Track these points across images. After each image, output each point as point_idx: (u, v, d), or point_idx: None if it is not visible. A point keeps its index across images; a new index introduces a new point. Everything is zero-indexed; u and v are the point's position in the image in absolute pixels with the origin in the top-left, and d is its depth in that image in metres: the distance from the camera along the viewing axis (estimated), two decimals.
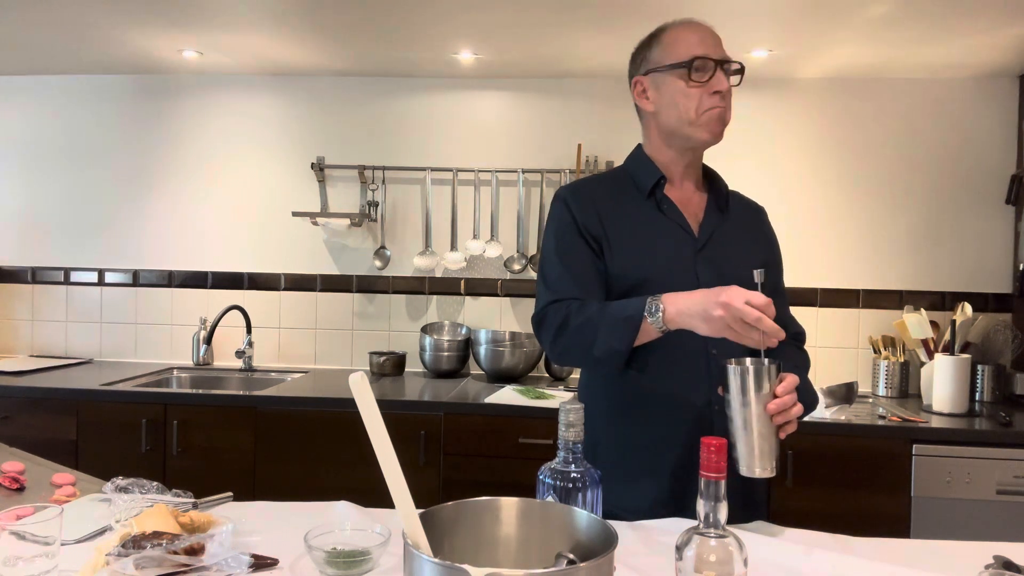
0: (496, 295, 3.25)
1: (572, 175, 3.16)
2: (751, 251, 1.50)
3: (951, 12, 2.35)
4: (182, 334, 3.35)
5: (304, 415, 2.63)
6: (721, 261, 1.45)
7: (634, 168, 1.52)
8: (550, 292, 1.44)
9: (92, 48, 2.96)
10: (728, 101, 1.42)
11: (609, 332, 1.34)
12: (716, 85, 1.40)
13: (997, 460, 2.38)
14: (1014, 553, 1.16)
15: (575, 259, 1.45)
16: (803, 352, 1.55)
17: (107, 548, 1.04)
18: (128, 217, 3.37)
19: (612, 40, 2.70)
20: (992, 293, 3.05)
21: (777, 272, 1.57)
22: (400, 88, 3.27)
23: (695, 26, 1.45)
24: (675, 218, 1.47)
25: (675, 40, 1.43)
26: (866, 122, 3.09)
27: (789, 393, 1.21)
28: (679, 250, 1.45)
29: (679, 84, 1.41)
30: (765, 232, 1.59)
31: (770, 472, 1.21)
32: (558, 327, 1.40)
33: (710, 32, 1.45)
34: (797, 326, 1.57)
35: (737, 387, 1.20)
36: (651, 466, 1.42)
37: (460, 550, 0.88)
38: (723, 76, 1.41)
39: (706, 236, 1.46)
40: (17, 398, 2.70)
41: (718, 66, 1.40)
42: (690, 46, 1.41)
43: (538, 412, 2.54)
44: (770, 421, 1.20)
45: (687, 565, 0.85)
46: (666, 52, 1.44)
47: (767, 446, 1.20)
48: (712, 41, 1.43)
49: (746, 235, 1.53)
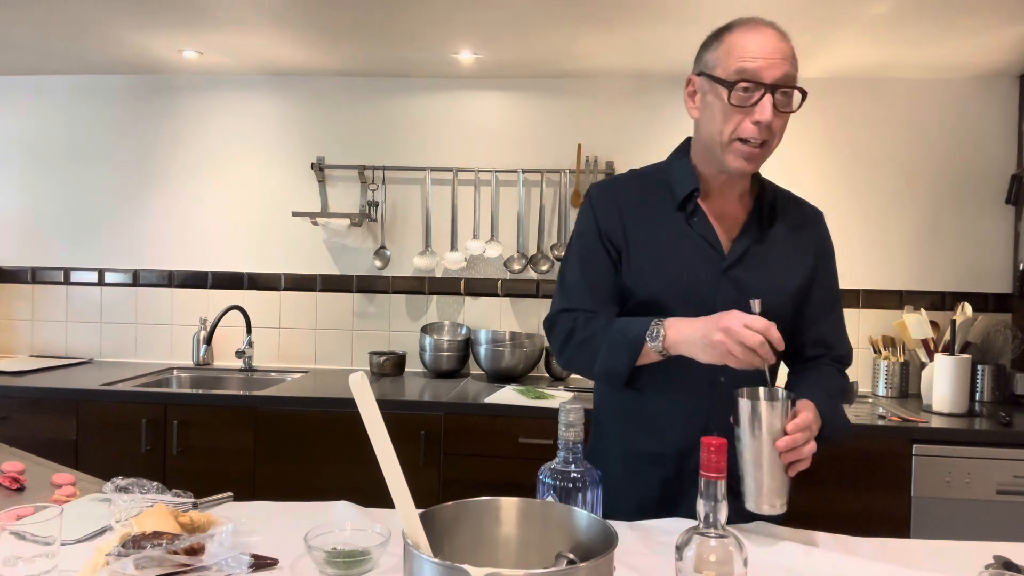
0: (496, 295, 3.25)
1: (572, 175, 3.16)
2: (791, 270, 1.40)
3: (951, 12, 2.35)
4: (182, 334, 3.35)
5: (304, 415, 2.63)
6: (750, 283, 1.35)
7: (673, 169, 1.43)
8: (564, 298, 1.43)
9: (92, 48, 2.96)
10: (773, 132, 1.28)
11: (610, 352, 1.33)
12: (758, 114, 1.25)
13: (997, 460, 2.38)
14: (1014, 553, 1.15)
15: (593, 268, 1.41)
16: (842, 377, 1.46)
17: (107, 548, 1.04)
18: (128, 217, 3.37)
19: (612, 40, 2.70)
20: (992, 293, 3.05)
21: (827, 288, 1.46)
22: (400, 88, 3.27)
23: (757, 33, 1.28)
24: (704, 233, 1.37)
25: (731, 48, 1.28)
26: (866, 122, 3.09)
27: (801, 431, 1.16)
28: (702, 269, 1.36)
29: (721, 100, 1.29)
30: (816, 244, 1.46)
31: (779, 509, 1.18)
32: (564, 338, 1.40)
33: (775, 43, 1.27)
34: (842, 348, 1.47)
35: (747, 420, 1.16)
36: (641, 473, 1.42)
37: (460, 550, 0.88)
38: (769, 104, 1.24)
39: (737, 254, 1.37)
40: (17, 398, 2.70)
41: (767, 91, 1.25)
42: (742, 59, 1.26)
43: (538, 412, 2.54)
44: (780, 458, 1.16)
45: (687, 565, 0.85)
46: (719, 59, 1.29)
47: (776, 483, 1.16)
48: (773, 56, 1.25)
49: (790, 251, 1.41)
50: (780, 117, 1.28)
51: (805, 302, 1.43)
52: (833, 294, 1.48)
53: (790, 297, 1.40)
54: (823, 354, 1.45)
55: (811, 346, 1.45)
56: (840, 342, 1.47)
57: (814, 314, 1.44)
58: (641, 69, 3.06)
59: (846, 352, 1.48)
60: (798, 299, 1.42)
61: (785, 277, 1.40)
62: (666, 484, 1.40)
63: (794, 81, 1.29)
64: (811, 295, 1.43)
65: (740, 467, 1.17)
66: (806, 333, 1.45)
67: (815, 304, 1.44)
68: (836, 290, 1.50)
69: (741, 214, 1.41)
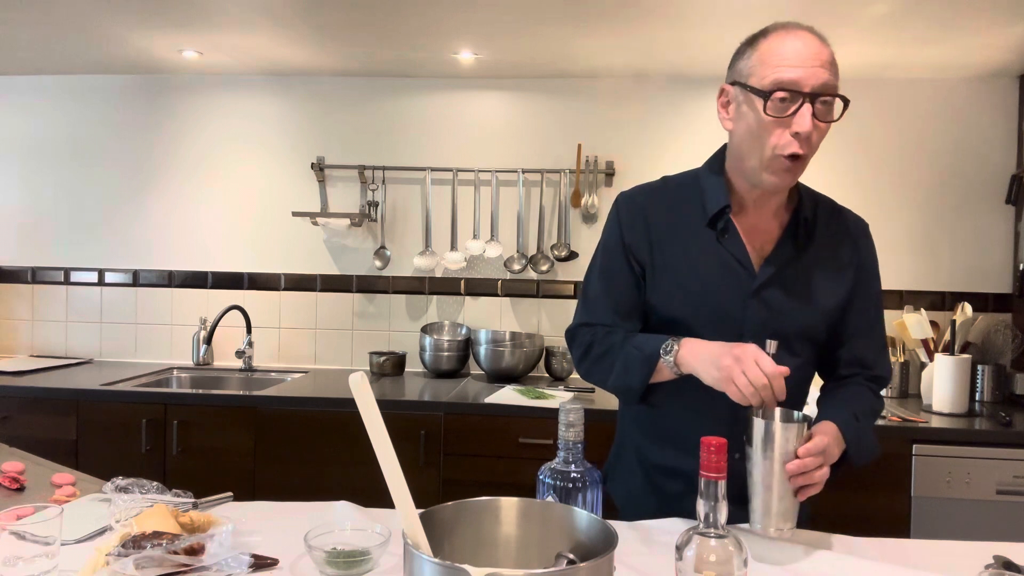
0: (496, 295, 3.25)
1: (572, 175, 3.16)
2: (829, 288, 1.33)
3: (951, 12, 2.35)
4: (182, 334, 3.35)
5: (304, 415, 2.63)
6: (781, 305, 1.29)
7: (706, 182, 1.35)
8: (586, 312, 1.41)
9: (92, 48, 2.97)
10: (812, 144, 1.22)
11: (624, 368, 1.32)
12: (797, 125, 1.18)
13: (997, 460, 2.38)
14: (1014, 553, 1.16)
15: (616, 282, 1.38)
16: (875, 397, 1.39)
17: (107, 548, 1.04)
18: (128, 217, 3.37)
19: (612, 40, 2.70)
20: (992, 293, 3.05)
21: (866, 307, 1.38)
22: (400, 88, 3.27)
23: (795, 38, 1.20)
24: (735, 252, 1.31)
25: (766, 56, 1.20)
26: (866, 122, 3.09)
27: (812, 456, 1.13)
28: (730, 290, 1.30)
29: (756, 111, 1.21)
30: (858, 258, 1.37)
31: (786, 534, 1.16)
32: (583, 352, 1.40)
33: (814, 49, 1.19)
34: (881, 368, 1.40)
35: (759, 441, 1.14)
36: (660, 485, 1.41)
37: (460, 550, 0.88)
38: (808, 114, 1.18)
39: (767, 275, 1.30)
40: (17, 398, 2.70)
41: (806, 100, 1.18)
42: (778, 68, 1.18)
43: (538, 412, 2.54)
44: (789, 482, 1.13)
45: (687, 565, 0.85)
46: (753, 68, 1.22)
47: (784, 506, 1.14)
48: (812, 63, 1.18)
49: (827, 269, 1.33)
50: (819, 129, 1.21)
51: (843, 319, 1.36)
52: (875, 312, 1.40)
53: (825, 317, 1.34)
54: (858, 373, 1.39)
55: (845, 365, 1.39)
56: (879, 362, 1.40)
57: (852, 332, 1.38)
58: (641, 69, 3.06)
59: (885, 373, 1.41)
60: (835, 317, 1.36)
61: (820, 297, 1.33)
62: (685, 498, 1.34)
63: (835, 89, 1.22)
64: (850, 312, 1.36)
65: (749, 487, 1.16)
66: (841, 350, 1.39)
67: (854, 321, 1.37)
68: (878, 308, 1.41)
69: (776, 229, 1.34)
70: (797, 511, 1.16)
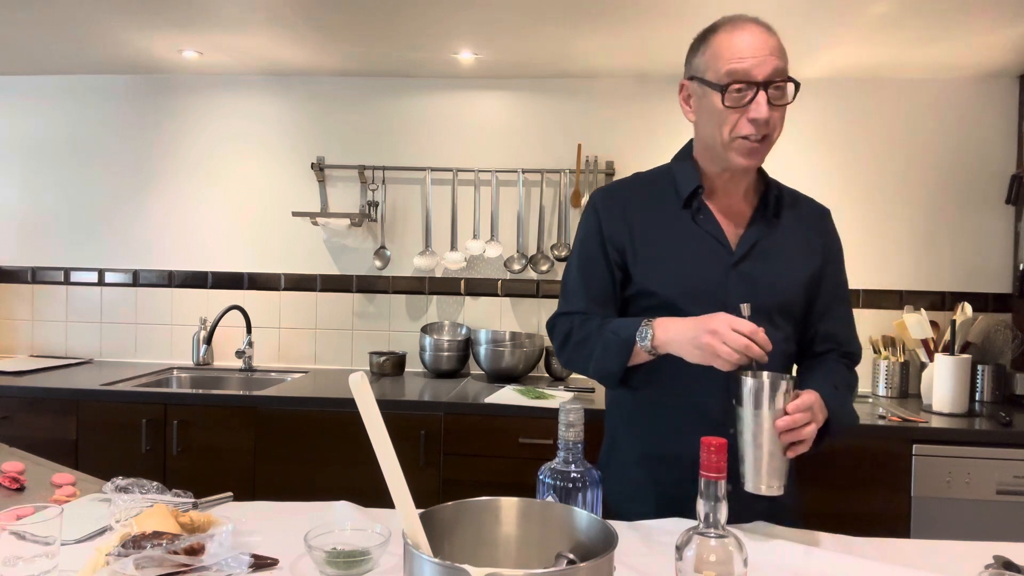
0: (496, 295, 3.25)
1: (572, 175, 3.16)
2: (800, 263, 1.41)
3: (951, 12, 2.35)
4: (182, 334, 3.35)
5: (304, 415, 2.63)
6: (759, 276, 1.36)
7: (677, 171, 1.44)
8: (564, 302, 1.46)
9: (92, 48, 2.97)
10: (772, 125, 1.29)
11: (603, 353, 1.36)
12: (754, 112, 1.26)
13: (997, 460, 2.38)
14: (1014, 553, 1.16)
15: (593, 273, 1.43)
16: (851, 373, 1.47)
17: (107, 548, 1.04)
18: (128, 217, 3.37)
19: (612, 40, 2.70)
20: (992, 293, 3.05)
21: (835, 283, 1.46)
22: (400, 88, 3.27)
23: (743, 31, 1.29)
24: (711, 230, 1.38)
25: (718, 50, 1.29)
26: (866, 122, 3.09)
27: (801, 411, 1.18)
28: (710, 265, 1.37)
29: (715, 102, 1.29)
30: (823, 238, 1.46)
31: (777, 491, 1.19)
32: (563, 340, 1.43)
33: (762, 39, 1.28)
34: (853, 345, 1.48)
35: (749, 401, 1.18)
36: (658, 475, 1.42)
37: (460, 550, 0.88)
38: (764, 101, 1.26)
39: (744, 249, 1.37)
40: (17, 398, 2.70)
41: (760, 88, 1.26)
42: (731, 61, 1.27)
43: (538, 412, 2.54)
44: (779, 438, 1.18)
45: (687, 565, 0.85)
46: (708, 63, 1.31)
47: (775, 464, 1.18)
48: (762, 52, 1.26)
49: (798, 244, 1.42)
50: (777, 111, 1.29)
51: (815, 296, 1.44)
52: (843, 290, 1.49)
53: (802, 287, 1.41)
54: (832, 349, 1.46)
55: (820, 341, 1.46)
56: (850, 338, 1.48)
57: (823, 309, 1.45)
58: (641, 69, 3.06)
59: (856, 349, 1.49)
60: (809, 291, 1.42)
61: (795, 269, 1.40)
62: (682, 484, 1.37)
63: (785, 74, 1.29)
64: (821, 290, 1.44)
65: (740, 448, 1.20)
66: (815, 327, 1.45)
67: (825, 299, 1.44)
68: (845, 287, 1.50)
69: (747, 210, 1.42)
70: (787, 470, 1.21)
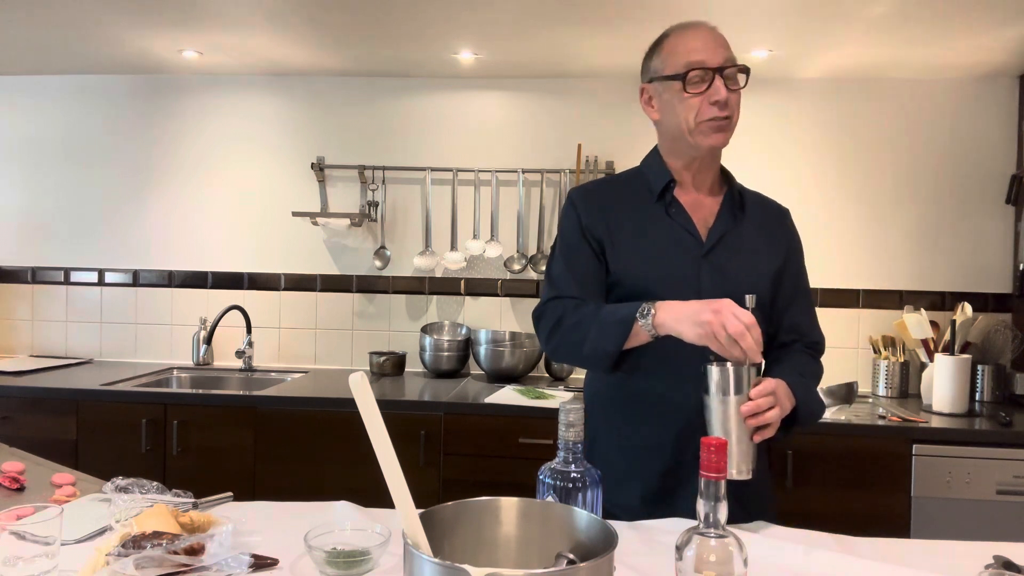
0: (496, 295, 3.25)
1: (572, 175, 3.16)
2: (765, 256, 1.48)
3: (951, 12, 2.35)
4: (182, 334, 3.35)
5: (304, 415, 2.63)
6: (729, 267, 1.43)
7: (647, 170, 1.52)
8: (552, 289, 1.49)
9: (92, 48, 2.96)
10: (732, 107, 1.40)
11: (600, 333, 1.37)
12: (714, 95, 1.38)
13: (997, 460, 2.38)
14: (1014, 553, 1.16)
15: (577, 260, 1.48)
16: (816, 362, 1.53)
17: (107, 548, 1.04)
18: (128, 217, 3.37)
19: (612, 40, 2.70)
20: (992, 293, 3.05)
21: (797, 277, 1.55)
22: (400, 88, 3.27)
23: (694, 31, 1.43)
24: (682, 222, 1.45)
25: (673, 49, 1.42)
26: (866, 122, 3.09)
27: (764, 396, 1.23)
28: (683, 255, 1.44)
29: (678, 94, 1.40)
30: (785, 235, 1.55)
31: (745, 475, 1.23)
32: (554, 324, 1.45)
33: (710, 35, 1.42)
34: (817, 335, 1.55)
35: (714, 388, 1.23)
36: (640, 465, 1.43)
37: (460, 550, 0.88)
38: (721, 84, 1.38)
39: (713, 240, 1.44)
40: (17, 398, 2.70)
41: (716, 73, 1.38)
42: (687, 54, 1.39)
43: (538, 412, 2.54)
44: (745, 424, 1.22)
45: (687, 565, 0.85)
46: (665, 61, 1.43)
47: (742, 449, 1.22)
48: (712, 45, 1.40)
49: (762, 239, 1.50)
50: (733, 94, 1.40)
51: (778, 289, 1.50)
52: (803, 283, 1.56)
53: (769, 279, 1.47)
54: (796, 340, 1.52)
55: (785, 332, 1.52)
56: (813, 328, 1.55)
57: (786, 301, 1.51)
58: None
59: (819, 339, 1.55)
60: (775, 282, 1.48)
61: (761, 260, 1.47)
62: (666, 475, 1.41)
63: (736, 62, 1.41)
64: (783, 283, 1.51)
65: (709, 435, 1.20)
66: (780, 319, 1.52)
67: (787, 291, 1.51)
68: (806, 280, 1.57)
69: (715, 204, 1.49)
70: (755, 454, 1.25)
